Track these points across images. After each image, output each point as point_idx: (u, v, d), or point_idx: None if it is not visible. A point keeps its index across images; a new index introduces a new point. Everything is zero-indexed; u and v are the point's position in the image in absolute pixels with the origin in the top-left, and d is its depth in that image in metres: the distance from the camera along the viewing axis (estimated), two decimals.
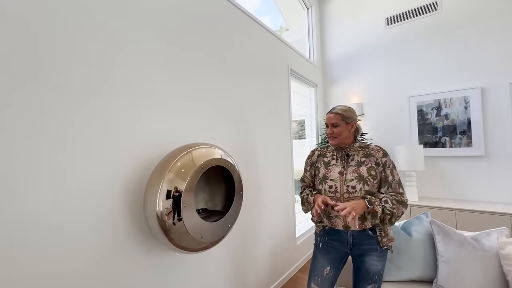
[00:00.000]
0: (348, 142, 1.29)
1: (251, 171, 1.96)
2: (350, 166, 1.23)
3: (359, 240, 1.21)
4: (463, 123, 2.54)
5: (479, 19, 2.49)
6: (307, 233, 2.86)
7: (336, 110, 1.27)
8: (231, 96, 1.81)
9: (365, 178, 1.19)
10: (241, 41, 1.95)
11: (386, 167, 1.21)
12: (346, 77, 3.33)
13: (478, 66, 2.49)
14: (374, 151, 1.25)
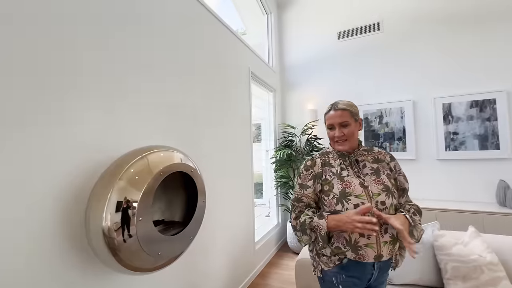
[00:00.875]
0: (356, 145, 1.05)
1: (210, 175, 1.85)
2: (367, 175, 0.98)
3: (383, 269, 0.98)
4: (399, 130, 2.91)
5: (411, 42, 2.90)
6: (266, 237, 2.86)
7: (342, 106, 1.01)
8: (190, 97, 1.68)
9: (391, 189, 0.95)
10: (204, 38, 1.84)
11: (398, 173, 1.03)
12: (302, 83, 3.48)
13: (410, 81, 2.88)
14: (382, 155, 1.05)
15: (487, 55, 2.58)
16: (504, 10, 2.53)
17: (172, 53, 1.52)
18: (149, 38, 1.35)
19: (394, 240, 0.94)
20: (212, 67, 1.95)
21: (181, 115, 1.57)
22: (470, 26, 2.65)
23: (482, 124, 2.56)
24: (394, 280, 1.56)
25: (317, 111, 3.36)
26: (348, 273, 0.95)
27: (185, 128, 1.61)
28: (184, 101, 1.61)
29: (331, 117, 1.02)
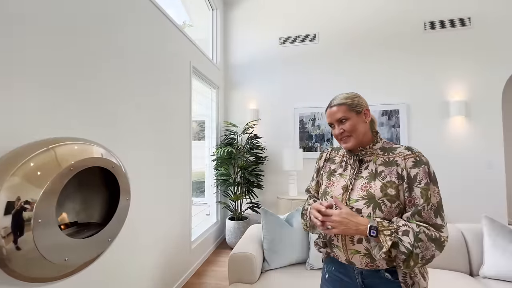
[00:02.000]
0: (367, 140, 0.90)
1: (140, 173, 1.73)
2: (360, 179, 0.86)
3: (373, 283, 0.84)
4: (328, 132, 3.26)
5: (340, 55, 3.29)
6: (204, 235, 2.82)
7: (338, 101, 0.90)
8: (118, 85, 1.53)
9: (377, 199, 0.80)
10: (140, 24, 1.70)
11: (415, 183, 0.78)
12: (245, 82, 3.56)
13: (338, 89, 3.27)
14: (401, 158, 0.83)
15: (394, 74, 3.13)
16: (399, 40, 3.11)
17: (99, 32, 1.35)
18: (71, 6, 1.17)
19: (368, 254, 0.80)
20: (146, 54, 1.81)
21: (106, 104, 1.42)
22: (383, 50, 3.17)
23: (390, 130, 3.10)
24: (315, 264, 1.75)
25: (259, 111, 3.48)
26: (335, 266, 0.92)
27: (112, 120, 1.45)
28: (111, 89, 1.46)
29: (329, 115, 0.92)
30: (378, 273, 0.82)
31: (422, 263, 0.73)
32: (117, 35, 1.52)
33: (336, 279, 0.91)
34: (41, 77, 1.05)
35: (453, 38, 3.02)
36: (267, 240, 1.82)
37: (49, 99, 1.08)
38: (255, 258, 1.66)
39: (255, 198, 3.33)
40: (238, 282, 1.64)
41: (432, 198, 0.76)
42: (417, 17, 3.11)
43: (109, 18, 1.46)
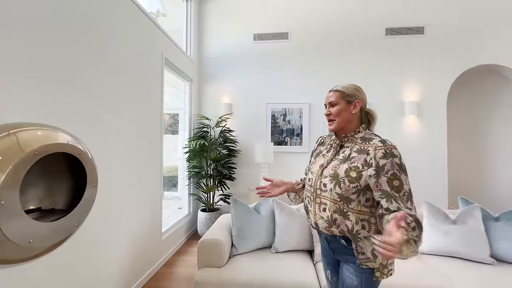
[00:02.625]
0: (351, 128, 1.01)
1: (112, 163, 1.72)
2: (335, 160, 1.00)
3: (334, 245, 1.02)
4: (298, 127, 3.44)
5: (311, 55, 3.46)
6: (175, 226, 2.85)
7: (336, 87, 1.05)
8: (91, 77, 1.50)
9: (340, 178, 0.94)
10: (106, 12, 1.66)
11: (382, 172, 0.88)
12: (219, 76, 3.59)
13: (308, 87, 3.46)
14: (372, 148, 0.92)
15: (358, 74, 3.38)
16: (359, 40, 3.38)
17: (62, 19, 1.32)
18: None
19: (329, 222, 0.95)
20: (115, 43, 1.79)
21: (73, 94, 1.39)
22: (348, 51, 3.41)
23: None
24: (279, 247, 1.90)
25: (232, 105, 3.55)
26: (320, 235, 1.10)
27: (79, 110, 1.43)
28: (79, 79, 1.43)
29: (326, 98, 1.08)
30: (336, 238, 0.99)
31: None
32: (83, 22, 1.48)
33: (323, 247, 1.14)
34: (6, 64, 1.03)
35: (410, 44, 3.34)
36: (235, 227, 1.92)
37: (15, 86, 1.06)
38: (224, 243, 1.76)
39: (227, 190, 3.41)
40: (206, 266, 1.73)
41: (405, 186, 0.86)
42: (379, 23, 3.38)
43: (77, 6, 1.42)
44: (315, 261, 1.81)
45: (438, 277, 1.56)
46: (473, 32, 3.26)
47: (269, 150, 3.08)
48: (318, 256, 1.82)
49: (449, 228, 1.83)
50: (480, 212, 1.83)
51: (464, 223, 1.81)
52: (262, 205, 2.08)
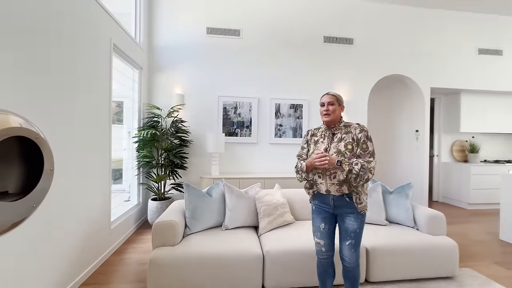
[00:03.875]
0: (337, 120, 1.51)
1: (56, 151, 1.68)
2: (334, 143, 1.47)
3: (339, 203, 1.46)
4: (248, 120, 3.73)
5: (260, 53, 3.75)
6: (123, 217, 2.83)
7: (333, 93, 1.52)
8: (34, 60, 1.44)
9: (343, 151, 1.42)
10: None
11: (360, 141, 1.43)
12: (171, 66, 3.59)
13: (257, 82, 3.75)
14: (353, 129, 1.47)
15: (301, 74, 3.83)
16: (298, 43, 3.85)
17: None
18: None
19: (340, 183, 1.41)
20: (60, 26, 1.72)
21: (11, 77, 1.34)
22: (293, 53, 3.82)
23: (295, 120, 3.82)
24: (229, 225, 2.16)
25: (184, 96, 3.60)
26: (318, 200, 1.54)
27: (23, 95, 1.38)
28: (21, 61, 1.37)
29: (324, 98, 1.52)
30: (343, 197, 1.45)
31: (363, 181, 1.37)
32: (22, 4, 1.41)
33: (319, 207, 1.55)
34: None
35: (342, 52, 3.94)
36: (189, 209, 2.10)
37: None
38: (178, 224, 1.92)
39: (179, 178, 3.50)
40: (161, 246, 1.87)
41: (370, 147, 1.43)
42: (319, 30, 3.87)
43: None
44: (259, 234, 2.14)
45: None
46: (387, 47, 4.04)
47: (220, 140, 3.28)
48: (263, 229, 2.14)
49: None
50: (380, 188, 2.42)
51: (370, 197, 2.37)
52: (213, 189, 2.30)
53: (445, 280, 2.05)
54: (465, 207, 4.44)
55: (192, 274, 1.77)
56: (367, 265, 1.99)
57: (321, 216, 1.54)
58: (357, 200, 1.44)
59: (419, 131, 4.29)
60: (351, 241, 1.45)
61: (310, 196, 1.61)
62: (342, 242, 1.49)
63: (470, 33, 4.30)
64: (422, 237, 2.09)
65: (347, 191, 1.43)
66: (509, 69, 4.42)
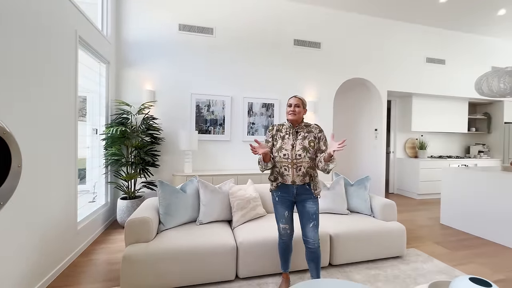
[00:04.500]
0: (300, 120, 1.74)
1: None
2: (298, 140, 1.70)
3: (300, 191, 1.70)
4: (221, 118, 3.78)
5: (233, 52, 3.83)
6: (90, 217, 2.72)
7: (299, 97, 1.75)
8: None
9: (307, 148, 1.67)
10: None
11: (320, 140, 1.71)
12: (142, 62, 3.49)
13: (231, 81, 3.83)
14: (313, 129, 1.73)
15: (272, 75, 3.99)
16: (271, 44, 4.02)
17: None
18: None
19: (304, 174, 1.67)
20: (21, 15, 1.62)
21: None
22: (265, 55, 3.96)
23: (267, 119, 3.97)
24: (203, 220, 2.23)
25: (155, 92, 3.53)
26: (281, 190, 1.74)
27: None
28: None
29: (291, 100, 1.73)
30: (304, 185, 1.70)
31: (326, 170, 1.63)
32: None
33: (281, 197, 1.75)
34: None
35: (311, 55, 4.18)
36: (163, 206, 2.11)
37: None
38: (152, 221, 1.93)
39: (150, 176, 3.44)
40: (135, 243, 1.87)
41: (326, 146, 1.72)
42: (290, 34, 4.06)
43: None
44: (233, 227, 2.23)
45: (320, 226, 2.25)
46: (351, 53, 4.39)
47: (193, 138, 3.30)
48: (236, 222, 2.24)
49: (326, 193, 2.61)
50: (343, 181, 2.67)
51: (334, 189, 2.61)
52: (187, 186, 2.33)
53: (395, 259, 2.35)
54: (415, 197, 5.03)
55: (167, 268, 1.81)
56: (331, 250, 2.21)
57: (285, 205, 1.75)
58: (314, 187, 1.71)
59: (378, 130, 4.74)
60: (314, 222, 1.69)
61: (274, 187, 1.79)
62: (306, 225, 1.70)
63: (420, 43, 4.85)
64: (377, 223, 2.37)
65: (308, 181, 1.70)
66: (450, 77, 5.09)
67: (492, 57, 5.42)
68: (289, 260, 1.88)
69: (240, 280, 1.98)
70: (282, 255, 1.87)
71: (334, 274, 2.09)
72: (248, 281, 1.97)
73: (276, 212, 1.79)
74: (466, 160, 5.25)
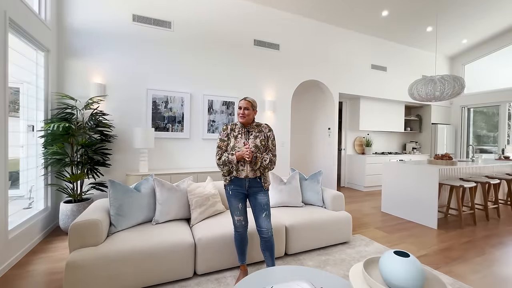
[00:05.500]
0: (250, 121, 1.86)
1: None
2: (250, 139, 1.83)
3: (252, 184, 1.82)
4: (180, 115, 3.68)
5: (192, 48, 3.75)
6: (25, 224, 2.41)
7: (249, 99, 1.83)
8: None
9: (259, 146, 1.81)
10: None
11: (269, 139, 1.87)
12: (90, 52, 3.19)
13: (189, 78, 3.75)
14: (263, 128, 1.88)
15: (232, 73, 4.03)
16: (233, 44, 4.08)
17: None
18: None
19: (256, 171, 1.80)
20: None
21: None
22: (225, 53, 3.98)
23: (227, 117, 3.99)
24: (160, 219, 2.16)
25: (106, 86, 3.27)
26: (234, 184, 1.84)
27: None
28: None
29: (241, 103, 1.83)
30: (256, 179, 1.83)
31: (269, 169, 1.84)
32: None
33: (235, 191, 1.84)
34: None
35: (270, 56, 4.33)
36: (114, 207, 1.99)
37: None
38: (101, 223, 1.81)
39: (100, 177, 3.18)
40: (81, 247, 1.73)
41: (275, 145, 1.90)
42: (250, 33, 4.14)
43: None
44: (192, 225, 2.22)
45: (276, 219, 2.37)
46: (307, 56, 4.67)
47: (149, 135, 3.15)
48: (195, 220, 2.22)
49: (282, 187, 2.75)
50: (298, 175, 2.86)
51: (290, 183, 2.77)
52: (142, 184, 2.24)
53: (343, 245, 2.61)
54: (362, 189, 5.59)
55: (119, 271, 1.72)
56: (286, 240, 2.35)
57: (238, 197, 1.85)
58: (264, 180, 1.86)
59: (331, 129, 5.14)
60: (266, 212, 1.82)
61: (227, 182, 1.87)
62: (259, 216, 1.82)
63: (366, 51, 5.40)
64: (327, 213, 2.60)
65: (259, 174, 1.84)
66: (390, 83, 5.77)
67: (423, 67, 6.31)
68: (245, 252, 1.96)
69: (199, 277, 1.98)
70: (238, 248, 1.93)
71: (289, 262, 2.23)
72: (206, 276, 1.99)
73: (231, 205, 1.87)
74: (402, 155, 6.02)
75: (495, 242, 2.78)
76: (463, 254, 2.48)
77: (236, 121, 2.09)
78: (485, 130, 6.72)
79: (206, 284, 1.89)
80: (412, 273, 1.08)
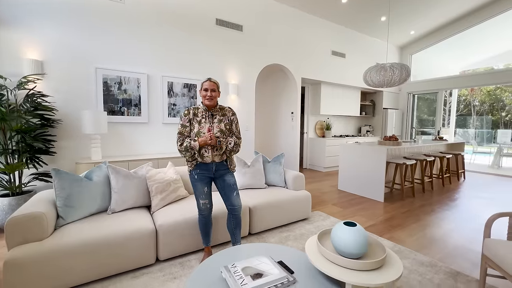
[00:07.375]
0: (215, 105, 1.84)
1: None
2: (215, 123, 1.81)
3: (218, 168, 1.85)
4: (136, 98, 3.41)
5: (152, 26, 3.43)
6: None
7: (213, 80, 1.80)
8: None
9: (224, 131, 1.82)
10: None
11: (233, 122, 1.89)
12: (20, 21, 2.70)
13: (147, 57, 3.46)
14: (227, 112, 1.88)
15: (194, 54, 3.82)
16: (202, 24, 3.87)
17: None
18: None
19: (222, 154, 1.83)
20: None
21: None
22: (185, 32, 3.73)
23: (189, 100, 3.83)
24: (116, 208, 2.04)
25: (43, 62, 2.84)
26: (200, 168, 1.83)
27: None
28: None
29: (206, 84, 1.78)
30: (222, 162, 1.86)
31: (234, 151, 1.87)
32: None
33: (201, 175, 1.84)
34: None
35: (234, 37, 4.19)
36: (61, 197, 1.81)
37: None
38: (45, 215, 1.64)
39: (43, 166, 2.84)
40: (21, 244, 1.56)
41: (239, 127, 1.95)
42: (211, 12, 3.93)
43: None
44: (152, 212, 2.14)
45: None
46: (271, 39, 4.64)
47: (102, 120, 2.87)
48: (155, 206, 2.15)
49: (246, 170, 2.79)
50: (261, 158, 2.91)
51: (254, 166, 2.82)
52: (94, 172, 2.06)
53: (303, 221, 2.79)
54: (322, 170, 5.97)
55: (70, 265, 1.61)
56: (250, 221, 2.42)
57: (204, 181, 1.87)
58: (229, 163, 1.91)
59: (294, 113, 5.29)
60: (236, 190, 1.91)
61: (192, 167, 1.85)
62: (230, 195, 1.89)
63: (327, 37, 5.56)
64: (289, 193, 2.73)
65: (225, 158, 1.87)
66: (348, 69, 6.09)
67: (377, 55, 6.76)
68: (210, 234, 1.98)
69: (162, 262, 1.95)
70: (203, 231, 1.95)
71: (252, 241, 2.32)
72: (170, 261, 1.97)
73: (196, 189, 1.87)
74: (358, 138, 6.53)
75: (428, 210, 3.25)
76: (402, 222, 2.85)
77: (198, 105, 2.04)
78: (426, 115, 7.60)
79: (170, 269, 1.87)
80: (358, 240, 1.21)
